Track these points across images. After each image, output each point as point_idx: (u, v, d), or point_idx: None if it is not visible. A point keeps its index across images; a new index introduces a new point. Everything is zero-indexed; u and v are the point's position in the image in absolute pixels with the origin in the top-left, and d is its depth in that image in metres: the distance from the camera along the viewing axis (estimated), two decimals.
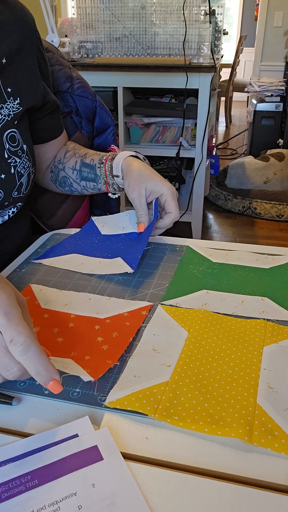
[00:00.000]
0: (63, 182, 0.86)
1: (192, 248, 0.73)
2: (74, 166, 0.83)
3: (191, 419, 0.40)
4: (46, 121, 0.80)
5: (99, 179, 0.81)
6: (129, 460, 0.37)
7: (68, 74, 0.93)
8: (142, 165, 0.75)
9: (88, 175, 0.82)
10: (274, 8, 4.29)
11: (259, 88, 3.48)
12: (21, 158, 0.71)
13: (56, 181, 0.87)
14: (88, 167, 0.82)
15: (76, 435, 0.39)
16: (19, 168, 0.70)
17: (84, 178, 0.83)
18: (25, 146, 0.72)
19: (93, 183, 0.82)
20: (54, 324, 0.54)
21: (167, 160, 2.35)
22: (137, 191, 0.72)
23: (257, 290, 0.61)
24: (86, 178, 0.83)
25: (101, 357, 0.48)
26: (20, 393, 0.44)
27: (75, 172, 0.83)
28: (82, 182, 0.84)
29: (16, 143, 0.70)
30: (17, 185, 0.71)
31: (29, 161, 0.73)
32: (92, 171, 0.81)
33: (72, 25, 2.08)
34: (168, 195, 0.72)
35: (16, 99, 0.69)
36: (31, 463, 0.37)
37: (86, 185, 0.83)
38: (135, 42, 2.04)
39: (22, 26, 0.70)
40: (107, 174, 0.79)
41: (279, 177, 2.87)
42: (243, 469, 0.36)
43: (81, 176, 0.83)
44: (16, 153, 0.70)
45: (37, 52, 0.74)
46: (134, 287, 0.62)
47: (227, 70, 5.09)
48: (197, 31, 1.98)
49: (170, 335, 0.52)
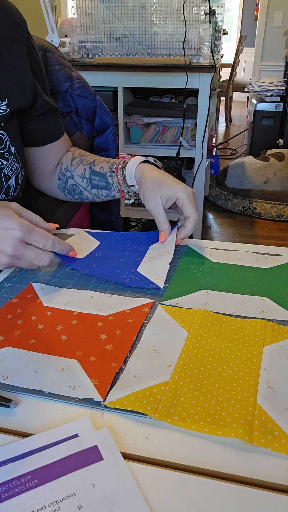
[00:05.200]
0: (72, 190, 0.84)
1: (192, 248, 0.73)
2: (83, 174, 0.81)
3: (191, 419, 0.40)
4: (38, 123, 0.78)
5: (111, 187, 0.79)
6: (129, 460, 0.37)
7: (68, 74, 0.93)
8: (154, 170, 0.73)
9: (99, 183, 0.80)
10: (274, 8, 4.29)
11: (259, 88, 3.48)
12: (8, 160, 0.70)
13: (64, 189, 0.85)
14: (98, 175, 0.80)
15: (76, 435, 0.39)
16: (6, 170, 0.69)
17: (95, 186, 0.81)
18: (12, 148, 0.71)
19: (105, 191, 0.81)
20: (57, 321, 0.54)
21: (167, 160, 2.35)
22: (153, 201, 0.71)
23: (257, 290, 0.61)
24: (98, 186, 0.81)
25: (106, 359, 0.47)
26: (20, 393, 0.44)
27: (85, 180, 0.81)
28: (93, 190, 0.82)
29: (3, 145, 0.69)
30: (4, 187, 0.70)
31: (17, 163, 0.72)
32: (103, 179, 0.79)
33: (72, 25, 2.08)
34: (184, 198, 0.70)
35: (3, 100, 0.68)
36: (31, 463, 0.37)
37: (98, 193, 0.82)
38: (135, 42, 2.04)
39: (8, 26, 0.68)
40: (120, 183, 0.78)
41: (279, 177, 2.87)
42: (243, 469, 0.36)
43: (92, 184, 0.81)
44: (2, 156, 0.69)
45: (27, 52, 0.72)
46: (134, 287, 0.62)
47: (227, 70, 5.09)
48: (197, 31, 1.98)
49: (170, 335, 0.52)
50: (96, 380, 0.45)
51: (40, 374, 0.46)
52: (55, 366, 0.47)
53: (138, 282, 0.62)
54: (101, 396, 0.43)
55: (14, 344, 0.50)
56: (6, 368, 0.47)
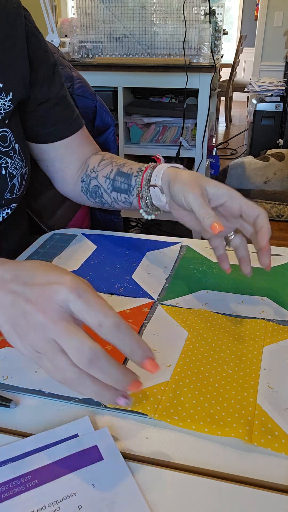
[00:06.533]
0: (94, 192, 0.76)
1: (192, 248, 0.73)
2: (108, 174, 0.73)
3: (191, 419, 0.40)
4: (46, 115, 0.72)
5: (132, 190, 0.70)
6: (129, 460, 0.37)
7: (68, 74, 0.93)
8: (194, 172, 0.62)
9: (121, 185, 0.71)
10: (274, 8, 4.29)
11: (259, 88, 3.48)
12: (13, 158, 0.67)
13: (87, 191, 0.77)
14: (123, 176, 0.71)
15: (76, 435, 0.39)
16: (10, 169, 0.67)
17: (115, 188, 0.72)
18: (17, 145, 0.68)
19: (124, 195, 0.72)
20: None
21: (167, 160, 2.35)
22: (197, 190, 0.56)
23: (257, 290, 0.61)
24: (118, 188, 0.72)
25: None
26: (20, 393, 0.44)
27: (108, 181, 0.73)
28: (112, 193, 0.73)
29: (8, 143, 0.66)
30: (9, 186, 0.68)
31: (21, 161, 0.69)
32: (126, 180, 0.70)
33: (72, 25, 2.08)
34: (238, 197, 0.56)
35: (8, 95, 0.65)
36: (31, 463, 0.37)
37: (117, 197, 0.73)
38: (135, 42, 2.04)
39: (3, 15, 0.64)
40: (142, 184, 0.67)
41: (279, 177, 2.87)
42: (243, 469, 0.36)
43: (113, 186, 0.72)
44: (7, 154, 0.66)
45: (26, 38, 0.67)
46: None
47: (227, 70, 5.09)
48: (197, 31, 1.98)
49: (170, 335, 0.52)
50: None
51: (40, 374, 0.46)
52: None
53: (132, 291, 0.61)
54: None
55: None
56: (6, 368, 0.47)
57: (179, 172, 0.61)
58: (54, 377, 0.36)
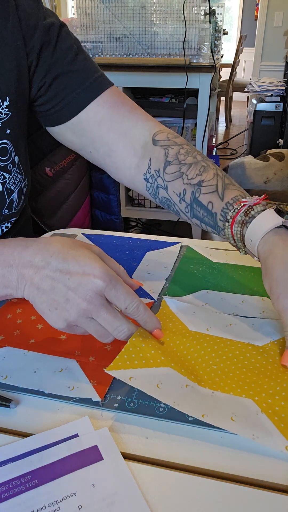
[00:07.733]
0: (165, 204, 0.65)
1: (192, 248, 0.73)
2: (182, 195, 0.61)
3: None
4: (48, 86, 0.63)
5: (221, 231, 0.57)
6: (129, 460, 0.37)
7: None
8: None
9: (204, 218, 0.59)
10: (274, 8, 4.29)
11: (259, 88, 3.48)
12: (11, 173, 0.63)
13: (155, 197, 0.66)
14: (204, 209, 0.58)
15: (76, 435, 0.39)
16: (8, 184, 0.63)
17: (198, 218, 0.60)
18: (16, 158, 0.63)
19: (211, 228, 0.60)
20: None
21: None
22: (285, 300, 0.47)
23: (257, 290, 0.61)
24: (202, 220, 0.60)
25: (105, 359, 0.47)
26: (20, 393, 0.44)
27: (185, 204, 0.61)
28: (194, 220, 0.61)
29: (7, 157, 0.62)
30: (7, 202, 0.64)
31: (20, 174, 0.65)
32: (210, 218, 0.58)
33: (72, 25, 2.08)
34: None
35: (4, 101, 0.59)
36: (31, 463, 0.37)
37: (201, 226, 0.61)
38: (135, 42, 2.04)
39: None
40: (235, 239, 0.55)
41: (279, 177, 2.87)
42: (243, 469, 0.36)
43: (194, 213, 0.61)
44: (5, 168, 0.62)
45: (19, 29, 0.59)
46: None
47: (227, 70, 5.09)
48: (197, 31, 1.98)
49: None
50: (95, 380, 0.45)
51: (39, 374, 0.46)
52: (55, 366, 0.47)
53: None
54: (100, 396, 0.43)
55: (13, 344, 0.50)
56: (5, 368, 0.47)
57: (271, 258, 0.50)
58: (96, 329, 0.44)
